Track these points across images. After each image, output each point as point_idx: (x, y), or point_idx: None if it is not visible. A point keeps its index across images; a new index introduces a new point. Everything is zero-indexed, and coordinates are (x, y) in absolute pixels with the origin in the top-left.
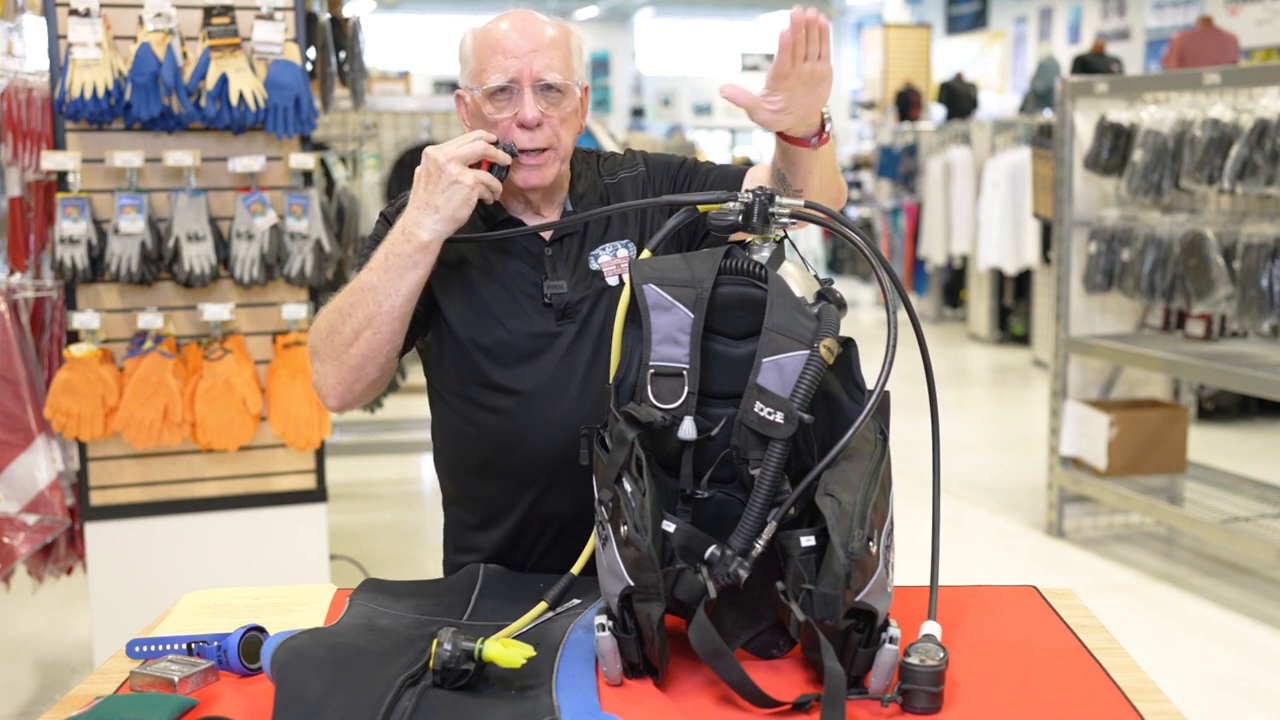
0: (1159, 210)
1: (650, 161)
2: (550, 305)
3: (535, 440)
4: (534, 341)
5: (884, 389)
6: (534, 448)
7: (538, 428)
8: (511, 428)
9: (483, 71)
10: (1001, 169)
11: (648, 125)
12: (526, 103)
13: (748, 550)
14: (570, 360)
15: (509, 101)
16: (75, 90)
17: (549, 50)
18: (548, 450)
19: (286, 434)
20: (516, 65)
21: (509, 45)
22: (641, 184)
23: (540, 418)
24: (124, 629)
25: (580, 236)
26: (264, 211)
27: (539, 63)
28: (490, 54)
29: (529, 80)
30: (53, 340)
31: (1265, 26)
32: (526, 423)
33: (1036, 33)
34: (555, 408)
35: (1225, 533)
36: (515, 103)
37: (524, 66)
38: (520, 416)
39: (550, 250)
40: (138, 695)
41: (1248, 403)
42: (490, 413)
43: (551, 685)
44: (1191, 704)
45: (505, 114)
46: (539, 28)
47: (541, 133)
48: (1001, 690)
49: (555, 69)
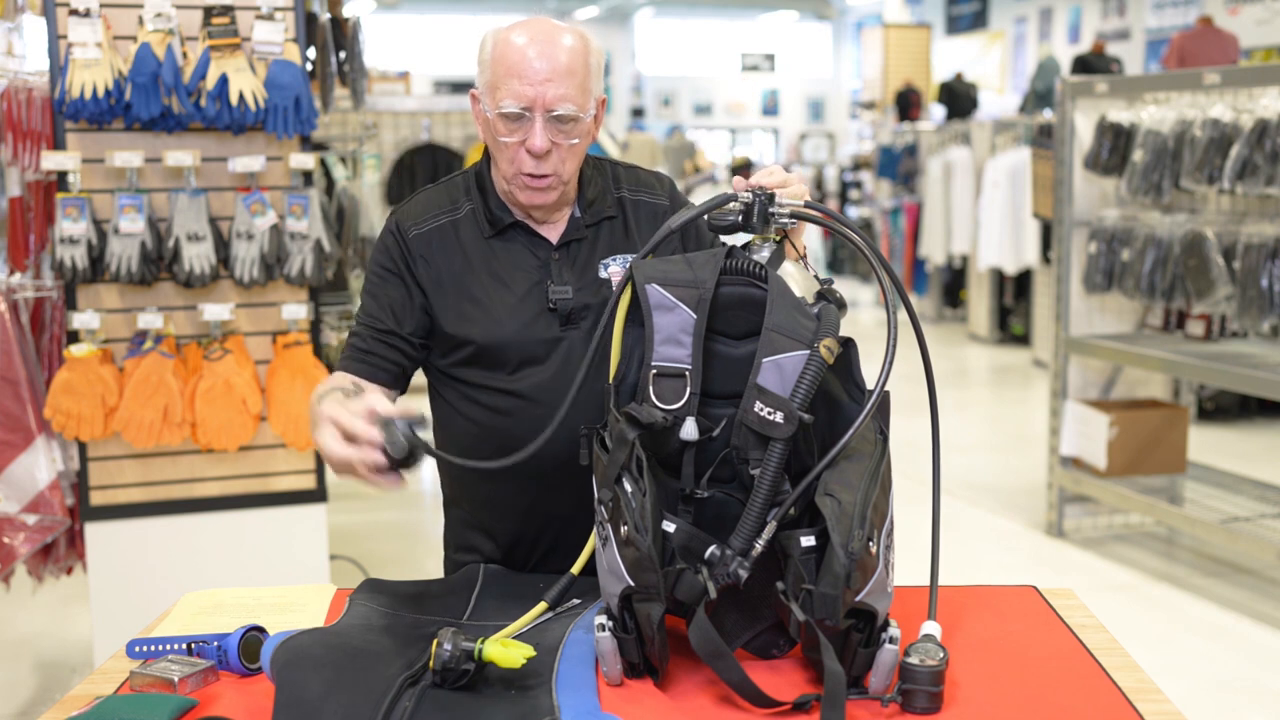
0: (1159, 210)
1: (675, 199)
2: (555, 310)
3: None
4: (537, 345)
5: (884, 389)
6: (534, 451)
7: (538, 432)
8: (512, 430)
9: (497, 90)
10: (1001, 169)
11: (648, 125)
12: (536, 132)
13: (748, 550)
14: (573, 366)
15: (520, 126)
16: (75, 90)
17: (565, 79)
18: (547, 454)
19: (286, 434)
20: (531, 94)
21: (525, 70)
22: (662, 216)
23: (541, 422)
24: (124, 629)
25: (590, 244)
26: (264, 211)
27: (553, 92)
28: (506, 75)
29: (541, 109)
30: (53, 340)
31: (1265, 26)
32: (527, 426)
33: (1036, 33)
34: (556, 412)
35: (1225, 533)
36: (525, 129)
37: (538, 95)
38: (521, 419)
39: (558, 255)
40: (138, 695)
41: (1248, 403)
42: (491, 414)
43: (551, 685)
44: (1191, 704)
45: (515, 138)
46: (557, 51)
47: (548, 161)
48: (1001, 690)
49: (569, 100)
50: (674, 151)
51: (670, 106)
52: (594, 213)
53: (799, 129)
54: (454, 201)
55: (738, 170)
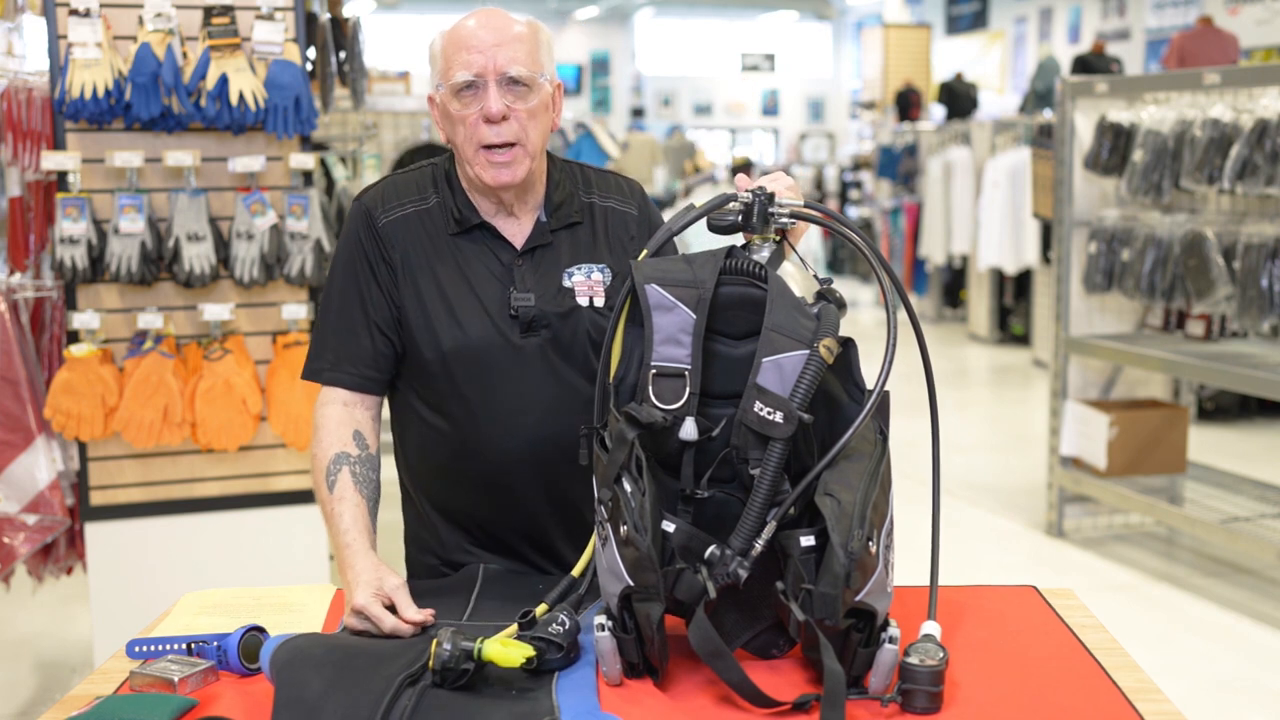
0: (1159, 210)
1: (644, 208)
2: (516, 317)
3: (492, 450)
4: (496, 351)
5: (884, 389)
6: (491, 458)
7: (495, 438)
8: (469, 435)
9: (449, 69)
10: (1001, 169)
11: (648, 125)
12: (491, 96)
13: (747, 550)
14: (532, 374)
15: (474, 97)
16: (75, 90)
17: (513, 44)
18: (506, 461)
19: (286, 434)
20: (481, 60)
21: (474, 41)
22: (631, 225)
23: (498, 428)
24: (124, 629)
25: (554, 250)
26: (264, 211)
27: (503, 56)
28: (456, 50)
29: (494, 74)
30: (53, 340)
31: (1265, 26)
32: (485, 432)
33: (1036, 33)
34: (515, 420)
35: (1225, 533)
36: (480, 97)
37: (488, 61)
38: (478, 425)
39: (521, 261)
40: (138, 695)
41: (1248, 403)
42: (443, 418)
43: (551, 685)
44: (1191, 704)
45: (471, 109)
46: (505, 22)
47: (507, 126)
48: (1001, 690)
49: (520, 62)
50: (674, 151)
51: (670, 106)
52: (560, 217)
53: (799, 129)
54: (422, 191)
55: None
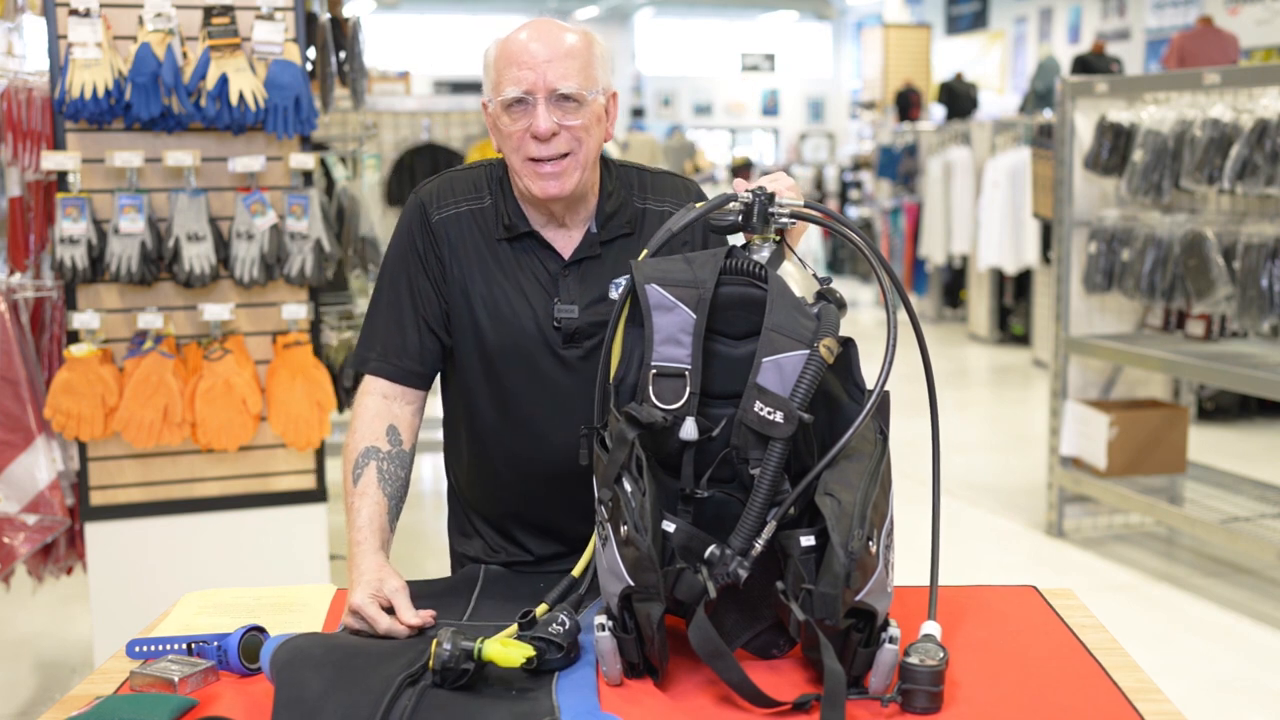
0: (1159, 210)
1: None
2: (559, 328)
3: (529, 455)
4: (539, 359)
5: (884, 389)
6: (527, 462)
7: (532, 442)
8: (507, 438)
9: (500, 83)
10: (1001, 169)
11: (648, 125)
12: (540, 115)
13: (747, 550)
14: (572, 383)
15: (524, 112)
16: (75, 90)
17: (565, 60)
18: (544, 465)
19: (286, 434)
20: (531, 77)
21: (525, 57)
22: None
23: (535, 432)
24: (124, 629)
25: (602, 262)
26: (264, 211)
27: (554, 73)
28: (507, 65)
29: (544, 91)
30: (53, 340)
31: (1265, 26)
32: (523, 436)
33: (1036, 33)
34: (551, 426)
35: (1225, 533)
36: (530, 114)
37: (538, 78)
38: (516, 429)
39: (567, 272)
40: (138, 695)
41: (1248, 403)
42: (487, 419)
43: (551, 685)
44: (1191, 704)
45: (520, 125)
46: (557, 36)
47: (558, 140)
48: (1001, 690)
49: (571, 78)
50: (674, 151)
51: (670, 106)
52: (610, 229)
53: (799, 129)
54: (478, 190)
55: (738, 170)
